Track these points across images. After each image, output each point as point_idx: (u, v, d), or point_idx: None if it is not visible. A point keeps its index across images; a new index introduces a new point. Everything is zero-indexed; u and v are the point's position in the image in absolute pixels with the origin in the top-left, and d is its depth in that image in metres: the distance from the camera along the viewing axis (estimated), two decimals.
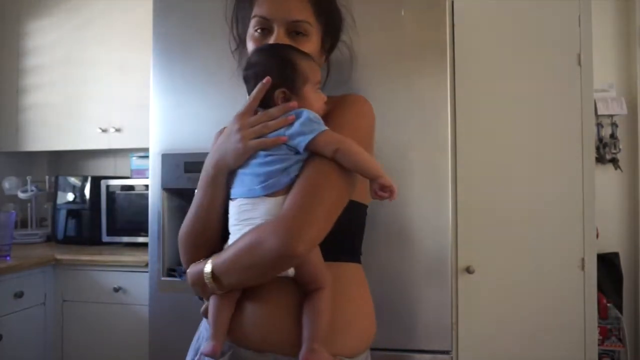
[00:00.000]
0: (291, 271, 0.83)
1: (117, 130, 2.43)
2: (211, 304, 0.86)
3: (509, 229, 1.83)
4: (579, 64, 1.81)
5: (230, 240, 0.85)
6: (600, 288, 1.98)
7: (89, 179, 2.44)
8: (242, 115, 0.85)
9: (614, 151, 2.27)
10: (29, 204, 2.61)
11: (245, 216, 0.83)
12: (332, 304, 0.83)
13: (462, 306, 1.82)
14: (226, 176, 0.87)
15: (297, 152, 0.82)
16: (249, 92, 0.88)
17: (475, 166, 1.84)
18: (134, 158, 2.47)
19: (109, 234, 2.38)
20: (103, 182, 2.39)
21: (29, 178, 2.57)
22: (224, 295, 0.85)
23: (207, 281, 0.83)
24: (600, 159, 2.25)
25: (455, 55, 1.79)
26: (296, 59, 0.86)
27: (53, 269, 2.15)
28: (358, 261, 0.96)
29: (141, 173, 2.41)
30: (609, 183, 2.29)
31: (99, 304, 2.10)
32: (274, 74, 0.84)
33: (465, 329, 1.81)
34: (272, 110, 0.84)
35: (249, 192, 0.83)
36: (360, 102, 0.94)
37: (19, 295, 1.99)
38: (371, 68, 1.33)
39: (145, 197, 2.24)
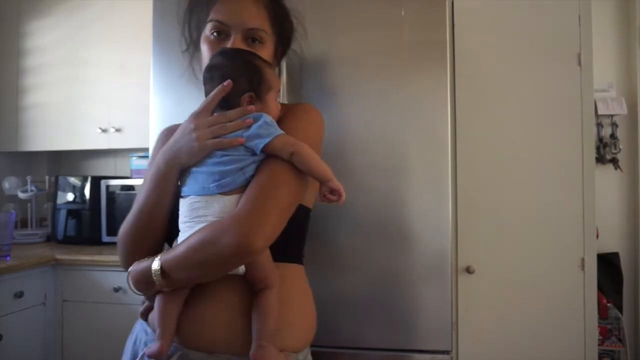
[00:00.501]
0: (242, 269, 0.84)
1: (117, 130, 2.43)
2: (157, 303, 0.85)
3: (509, 229, 1.83)
4: (579, 64, 1.81)
5: (181, 238, 0.85)
6: (600, 288, 1.98)
7: (89, 179, 2.44)
8: (199, 115, 0.87)
9: (614, 151, 2.27)
10: (29, 204, 2.61)
11: (198, 213, 0.83)
12: (279, 302, 0.85)
13: (462, 306, 1.82)
14: (177, 174, 0.88)
15: (254, 154, 0.85)
16: (207, 92, 0.90)
17: (475, 166, 1.84)
18: (134, 158, 2.47)
19: (109, 234, 2.38)
20: (103, 182, 2.39)
21: (29, 178, 2.57)
22: (172, 294, 0.84)
23: (155, 278, 0.82)
24: (600, 159, 2.25)
25: (455, 55, 1.79)
26: (263, 66, 0.90)
27: (53, 269, 2.15)
28: (300, 262, 0.99)
29: (141, 173, 2.41)
30: (609, 183, 2.29)
31: (99, 304, 2.10)
32: (242, 79, 0.87)
33: (465, 329, 1.81)
34: (230, 113, 0.86)
35: (203, 189, 0.84)
36: (311, 111, 0.99)
37: (19, 295, 1.99)
38: (371, 68, 1.33)
39: None
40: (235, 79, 0.87)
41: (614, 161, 2.27)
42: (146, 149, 1.93)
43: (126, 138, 2.42)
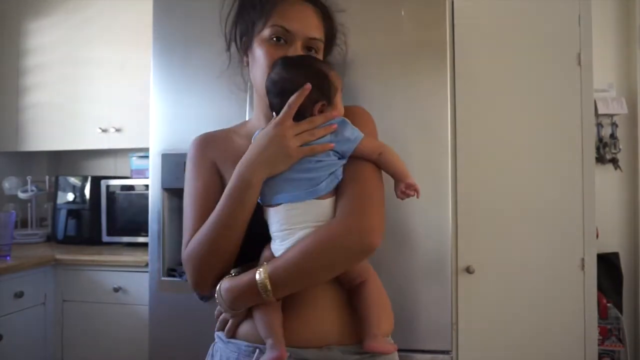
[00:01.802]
0: None
1: (117, 130, 2.43)
2: (259, 314, 0.86)
3: (509, 229, 1.83)
4: (579, 64, 1.81)
5: (279, 246, 0.85)
6: (600, 288, 1.98)
7: (89, 179, 2.44)
8: (283, 122, 0.86)
9: (614, 151, 2.27)
10: (29, 204, 2.61)
11: (297, 220, 0.85)
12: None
13: (462, 306, 1.82)
14: (262, 184, 0.87)
15: (341, 157, 0.88)
16: (276, 105, 0.89)
17: (475, 166, 1.84)
18: (134, 158, 2.47)
19: (109, 234, 2.38)
20: (103, 182, 2.39)
21: (29, 178, 2.57)
22: (272, 302, 0.85)
23: (262, 290, 0.82)
24: (600, 159, 2.25)
25: (455, 55, 1.79)
26: (328, 70, 0.91)
27: (53, 269, 2.15)
28: None
29: (141, 173, 2.41)
30: (609, 183, 2.29)
31: (99, 304, 2.10)
32: (313, 87, 0.87)
33: (465, 329, 1.81)
34: (316, 118, 0.87)
35: (299, 196, 0.85)
36: (369, 115, 1.03)
37: (19, 295, 1.99)
38: (371, 68, 1.33)
39: (145, 197, 2.24)
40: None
41: (614, 161, 2.27)
42: (146, 149, 1.93)
43: (126, 138, 2.42)
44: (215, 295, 0.89)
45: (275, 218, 0.87)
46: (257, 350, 0.87)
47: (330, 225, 0.83)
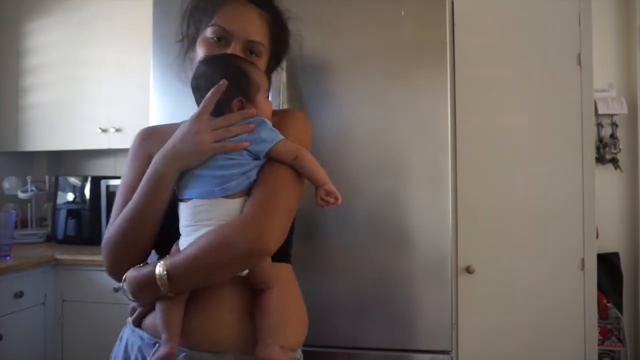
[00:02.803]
0: (245, 272, 0.85)
1: (117, 130, 2.43)
2: (160, 307, 0.85)
3: (509, 229, 1.83)
4: (579, 64, 1.81)
5: (183, 241, 0.85)
6: (600, 288, 1.98)
7: (89, 179, 2.44)
8: (199, 118, 0.86)
9: (614, 151, 2.27)
10: (29, 204, 2.61)
11: (202, 217, 0.84)
12: (281, 301, 0.87)
13: (462, 306, 1.82)
14: (177, 177, 0.87)
15: (256, 157, 0.87)
16: (198, 101, 0.91)
17: (475, 166, 1.84)
18: None
19: None
20: (103, 182, 2.39)
21: (29, 178, 2.57)
22: (174, 297, 0.84)
23: (160, 283, 0.81)
24: (600, 159, 2.25)
25: (455, 55, 1.79)
26: (249, 68, 0.91)
27: (53, 269, 2.15)
28: (289, 261, 1.00)
29: None
30: (609, 183, 2.29)
31: (99, 304, 2.10)
32: (230, 84, 0.86)
33: (465, 329, 1.81)
34: (233, 116, 0.87)
35: (207, 193, 0.84)
36: (299, 117, 1.02)
37: (19, 295, 1.99)
38: (371, 68, 1.33)
39: None
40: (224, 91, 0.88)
41: (614, 161, 2.27)
42: None
43: (126, 138, 2.41)
44: (122, 283, 0.88)
45: (184, 213, 0.86)
46: (157, 344, 0.86)
47: (227, 225, 0.82)
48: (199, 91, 0.91)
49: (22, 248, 2.32)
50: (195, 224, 0.84)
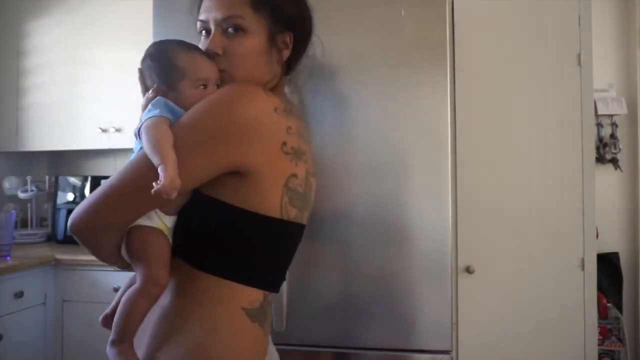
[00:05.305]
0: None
1: (117, 130, 2.43)
2: None
3: (509, 228, 1.83)
4: (579, 64, 1.81)
5: None
6: (600, 288, 1.98)
7: (89, 179, 2.44)
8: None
9: (614, 151, 2.27)
10: (29, 204, 2.61)
11: None
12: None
13: (462, 306, 1.82)
14: None
15: (139, 138, 0.83)
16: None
17: (475, 166, 1.84)
18: None
19: None
20: (103, 182, 2.38)
21: (29, 178, 2.57)
22: None
23: None
24: (600, 159, 2.25)
25: (455, 55, 1.79)
26: (173, 54, 0.85)
27: (53, 269, 2.15)
28: (230, 277, 0.81)
29: None
30: (609, 183, 2.29)
31: (99, 304, 2.08)
32: (149, 72, 0.87)
33: (465, 329, 1.81)
34: (143, 101, 0.88)
35: None
36: (221, 89, 0.84)
37: (19, 295, 1.99)
38: (371, 68, 1.33)
39: None
40: (149, 70, 0.88)
41: (614, 161, 2.27)
42: None
43: (126, 138, 2.41)
44: None
45: None
46: None
47: None
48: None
49: (22, 248, 2.32)
50: None
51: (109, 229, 0.80)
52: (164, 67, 0.86)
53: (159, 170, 0.72)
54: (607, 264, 2.18)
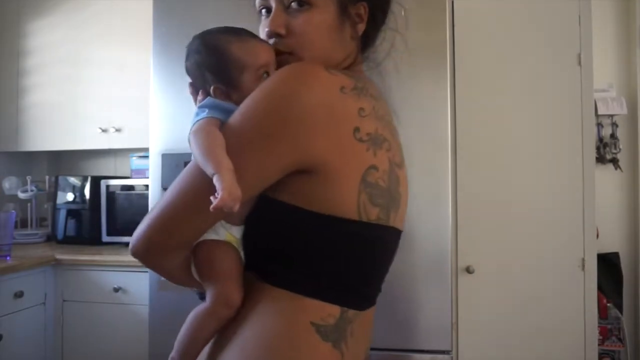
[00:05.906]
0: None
1: (117, 130, 2.43)
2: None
3: (509, 229, 1.83)
4: (579, 64, 1.81)
5: None
6: (600, 288, 1.98)
7: (89, 179, 2.44)
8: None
9: (614, 151, 2.27)
10: (29, 204, 2.61)
11: None
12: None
13: (462, 306, 1.82)
14: None
15: None
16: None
17: (475, 166, 1.84)
18: (134, 158, 2.46)
19: (109, 234, 2.37)
20: (103, 182, 2.39)
21: (29, 178, 2.57)
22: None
23: None
24: (600, 159, 2.24)
25: (455, 56, 1.79)
26: (226, 45, 0.71)
27: (53, 269, 2.15)
28: (296, 290, 0.69)
29: (141, 173, 2.41)
30: (609, 183, 2.29)
31: (99, 304, 2.10)
32: (202, 73, 0.73)
33: (465, 329, 1.81)
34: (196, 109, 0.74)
35: None
36: (276, 74, 0.69)
37: (19, 295, 1.99)
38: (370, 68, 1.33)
39: (145, 197, 2.24)
40: (200, 71, 0.73)
41: (614, 161, 2.27)
42: (146, 149, 1.93)
43: (126, 138, 2.41)
44: None
45: None
46: None
47: None
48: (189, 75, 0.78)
49: (22, 248, 2.32)
50: None
51: (172, 250, 0.71)
52: (218, 64, 0.71)
53: (215, 181, 0.60)
54: (608, 264, 2.18)
